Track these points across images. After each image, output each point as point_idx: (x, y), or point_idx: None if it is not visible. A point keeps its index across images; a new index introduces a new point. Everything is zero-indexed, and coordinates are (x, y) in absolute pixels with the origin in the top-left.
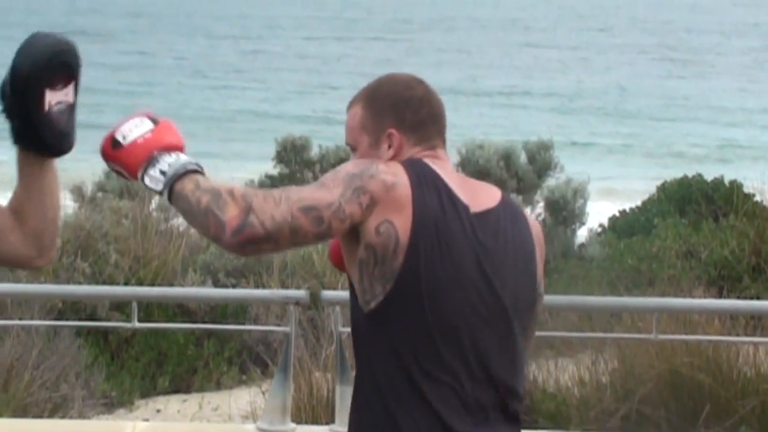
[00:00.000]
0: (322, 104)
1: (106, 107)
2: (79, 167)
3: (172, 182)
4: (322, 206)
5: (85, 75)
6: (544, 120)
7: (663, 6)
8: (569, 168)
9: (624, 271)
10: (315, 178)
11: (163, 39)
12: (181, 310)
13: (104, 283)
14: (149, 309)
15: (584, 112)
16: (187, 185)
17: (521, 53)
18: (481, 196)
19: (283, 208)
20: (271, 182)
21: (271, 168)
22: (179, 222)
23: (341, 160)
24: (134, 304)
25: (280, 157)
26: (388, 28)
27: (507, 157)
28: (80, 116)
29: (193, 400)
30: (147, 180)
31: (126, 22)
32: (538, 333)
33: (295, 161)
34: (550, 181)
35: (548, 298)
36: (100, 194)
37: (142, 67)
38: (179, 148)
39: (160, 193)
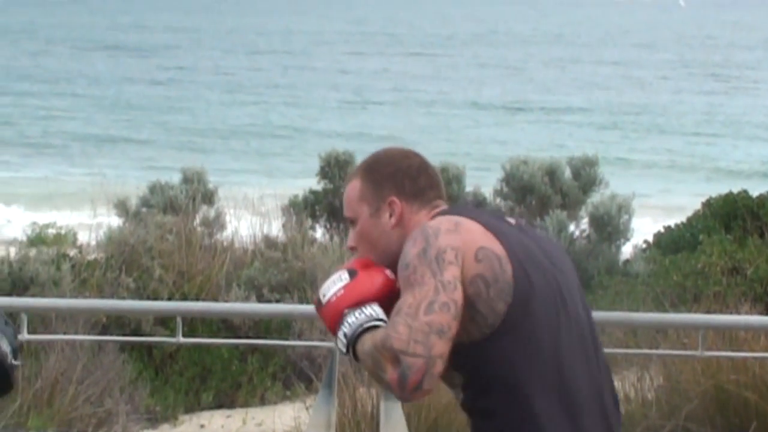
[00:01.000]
0: (364, 119)
1: (147, 123)
2: (123, 182)
3: (353, 345)
4: (433, 296)
5: (126, 90)
6: (587, 136)
7: (707, 22)
8: (612, 184)
9: (669, 288)
10: None
11: (205, 54)
12: (225, 325)
13: (148, 298)
14: (193, 324)
15: (627, 128)
16: (359, 348)
17: (563, 69)
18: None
19: (415, 328)
20: (314, 197)
21: (315, 183)
22: (223, 237)
23: None
24: (179, 319)
25: (324, 173)
26: (429, 43)
27: (551, 173)
28: (121, 131)
29: (237, 415)
30: (339, 344)
31: (168, 38)
32: None
33: (339, 176)
34: (595, 197)
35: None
36: (144, 209)
37: (182, 83)
38: (371, 298)
39: (346, 353)
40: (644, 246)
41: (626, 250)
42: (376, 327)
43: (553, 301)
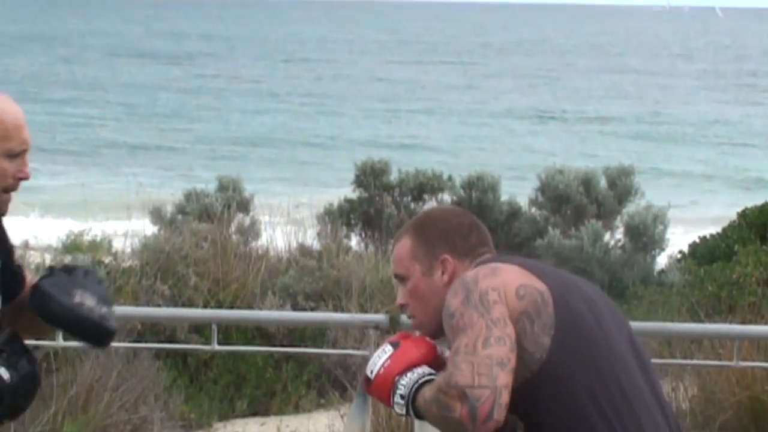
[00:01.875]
0: (398, 129)
1: (180, 130)
2: (159, 190)
3: (412, 403)
4: (486, 332)
5: (159, 98)
6: (620, 145)
7: (744, 32)
8: (647, 194)
9: (704, 298)
10: (394, 202)
11: (239, 63)
12: (260, 333)
13: (183, 305)
14: (228, 332)
15: (662, 138)
16: (420, 402)
17: (599, 78)
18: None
19: (477, 362)
20: (350, 206)
21: (351, 192)
22: (258, 245)
23: (420, 185)
24: (214, 327)
25: (359, 181)
26: (464, 52)
27: (587, 183)
28: (154, 139)
29: (271, 423)
30: (397, 408)
31: (202, 46)
32: None
33: (374, 185)
34: (630, 207)
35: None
36: (179, 217)
37: (216, 91)
38: (420, 362)
39: (408, 414)
40: (679, 256)
41: (661, 261)
42: (431, 380)
43: (599, 326)
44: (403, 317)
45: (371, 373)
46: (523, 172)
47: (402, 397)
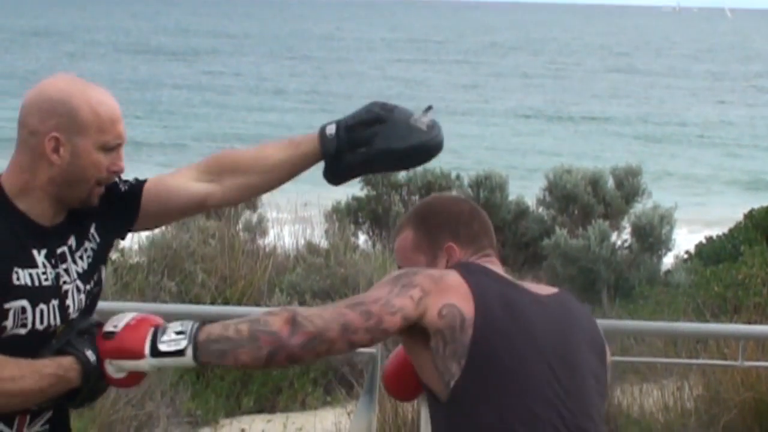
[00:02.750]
0: None
1: (188, 127)
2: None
3: (196, 335)
4: (368, 301)
5: (165, 94)
6: (628, 146)
7: (753, 33)
8: (654, 194)
9: (710, 298)
10: (402, 200)
11: (247, 60)
12: None
13: (191, 302)
14: None
15: (668, 139)
16: (213, 330)
17: (606, 78)
18: (539, 288)
19: (330, 308)
20: (357, 204)
21: (358, 190)
22: (266, 242)
23: (428, 184)
24: None
25: (367, 180)
26: (472, 51)
27: (594, 183)
28: (163, 137)
29: (277, 420)
30: (164, 346)
31: (210, 42)
32: (623, 358)
33: (382, 183)
34: (638, 207)
35: (634, 323)
36: None
37: (223, 87)
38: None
39: (182, 351)
40: (685, 257)
41: (668, 261)
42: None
43: (522, 366)
44: None
45: (115, 327)
46: (529, 172)
47: (179, 333)
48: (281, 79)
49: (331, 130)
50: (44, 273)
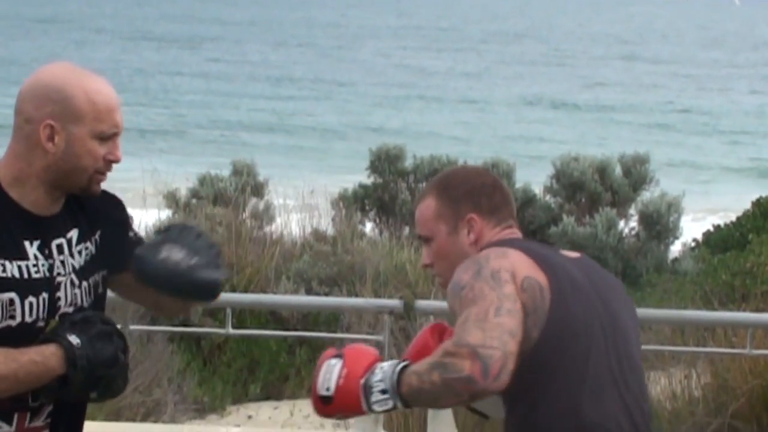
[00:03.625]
0: (410, 115)
1: (193, 115)
2: (173, 174)
3: (398, 391)
4: (498, 303)
5: (171, 82)
6: (633, 134)
7: (761, 21)
8: (662, 182)
9: (717, 286)
10: (408, 188)
11: (253, 48)
12: (274, 317)
13: None
14: (242, 316)
15: (675, 127)
16: (411, 382)
17: (613, 66)
18: (566, 252)
19: (488, 327)
20: (364, 192)
21: (365, 178)
22: (273, 230)
23: (435, 171)
24: (228, 311)
25: (374, 167)
26: (477, 38)
27: (602, 170)
28: (169, 124)
29: (284, 407)
30: (377, 407)
31: (216, 30)
32: None
33: (389, 171)
34: (645, 195)
35: (641, 312)
36: (194, 201)
37: (229, 75)
38: (375, 360)
39: (395, 407)
40: (693, 245)
41: (675, 249)
42: (408, 364)
43: (590, 335)
44: (418, 303)
45: (327, 390)
46: (534, 160)
47: (384, 391)
48: (286, 67)
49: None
50: (35, 265)
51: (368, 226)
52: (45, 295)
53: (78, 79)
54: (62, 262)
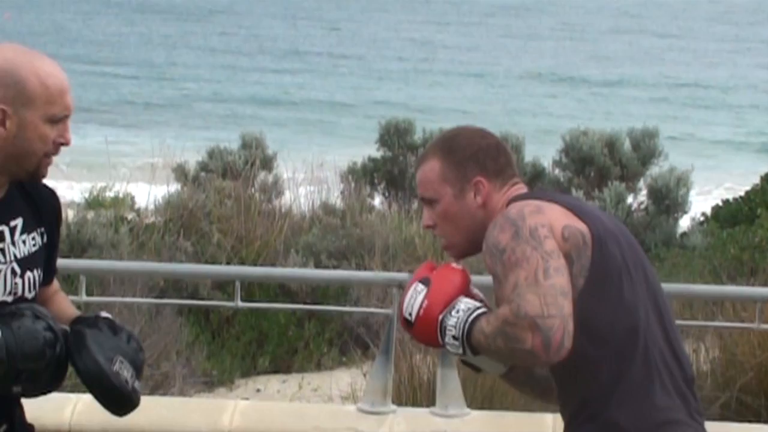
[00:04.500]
0: (416, 89)
1: (201, 88)
2: (182, 147)
3: (468, 342)
4: (543, 263)
5: (179, 54)
6: (641, 108)
7: None
8: (669, 157)
9: (726, 261)
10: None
11: (260, 22)
12: (283, 290)
13: (206, 262)
14: (250, 289)
15: (683, 102)
16: (480, 339)
17: (620, 40)
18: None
19: (542, 293)
20: (374, 165)
21: (374, 151)
22: (282, 203)
23: None
24: (237, 284)
25: (383, 141)
26: (487, 12)
27: (611, 145)
28: (177, 98)
29: (293, 380)
30: (450, 349)
31: (223, 3)
32: None
33: (398, 144)
34: (654, 170)
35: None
36: (203, 174)
37: (236, 49)
38: (458, 293)
39: (465, 354)
40: (702, 219)
41: (684, 223)
42: (480, 315)
43: (628, 273)
44: None
45: (410, 315)
46: (543, 134)
47: (455, 338)
48: (293, 40)
49: None
50: None
51: (377, 200)
52: None
53: (29, 62)
54: (2, 249)
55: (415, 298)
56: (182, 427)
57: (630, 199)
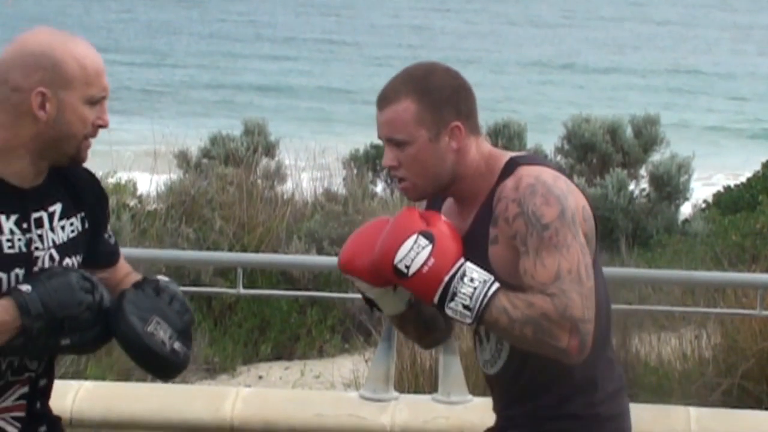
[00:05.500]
0: None
1: (200, 75)
2: (184, 133)
3: (481, 314)
4: (583, 259)
5: (180, 42)
6: (645, 96)
7: None
8: (672, 145)
9: (728, 247)
10: None
11: (260, 8)
12: (285, 277)
13: (208, 249)
14: (252, 276)
15: (685, 89)
16: (500, 319)
17: (621, 28)
18: None
19: (585, 295)
20: (376, 152)
21: (376, 138)
22: (284, 190)
23: None
24: (239, 270)
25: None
26: None
27: (613, 131)
28: (176, 84)
29: (295, 367)
30: (450, 313)
31: None
32: (641, 306)
33: None
34: (655, 156)
35: (652, 272)
36: (205, 160)
37: (235, 36)
38: (461, 254)
39: (468, 324)
40: (703, 206)
41: (685, 210)
42: (498, 290)
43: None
44: None
45: (407, 268)
46: (544, 121)
47: (468, 308)
48: (293, 27)
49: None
50: (9, 240)
51: (379, 186)
52: (18, 270)
53: (64, 43)
54: (40, 236)
55: (418, 252)
56: (184, 414)
57: (632, 186)
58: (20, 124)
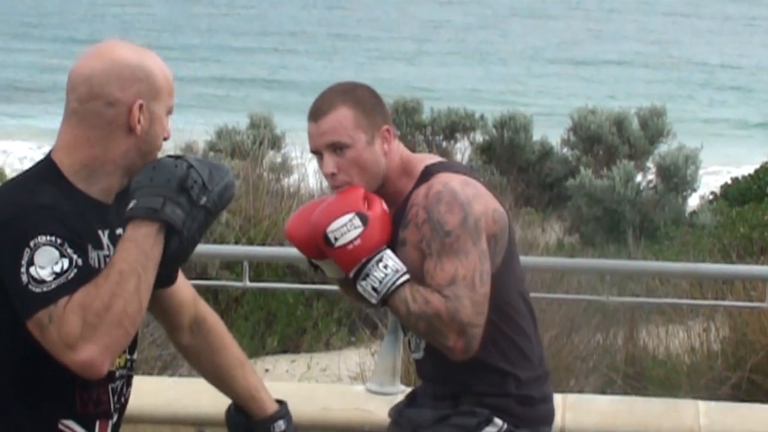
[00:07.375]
0: (423, 69)
1: (205, 69)
2: (192, 126)
3: (386, 299)
4: (480, 266)
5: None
6: (646, 88)
7: None
8: (677, 136)
9: (735, 239)
10: (426, 140)
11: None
12: (291, 270)
13: (215, 242)
14: (259, 269)
15: (686, 81)
16: (399, 307)
17: (626, 20)
18: None
19: (476, 300)
20: None
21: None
22: (290, 182)
23: (452, 124)
24: (245, 263)
25: (392, 120)
26: None
27: (619, 123)
28: (177, 78)
29: (301, 360)
30: (360, 289)
31: None
32: (648, 299)
33: (407, 124)
34: (662, 148)
35: (659, 265)
36: (211, 153)
37: (238, 29)
38: (384, 243)
39: (374, 305)
40: (711, 197)
41: (693, 202)
42: (406, 282)
43: (516, 246)
44: None
45: (335, 240)
46: (549, 113)
47: (375, 290)
48: (296, 20)
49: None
50: (108, 255)
51: None
52: None
53: (148, 54)
54: (106, 256)
55: (349, 230)
56: (191, 407)
57: (639, 178)
58: (111, 139)
